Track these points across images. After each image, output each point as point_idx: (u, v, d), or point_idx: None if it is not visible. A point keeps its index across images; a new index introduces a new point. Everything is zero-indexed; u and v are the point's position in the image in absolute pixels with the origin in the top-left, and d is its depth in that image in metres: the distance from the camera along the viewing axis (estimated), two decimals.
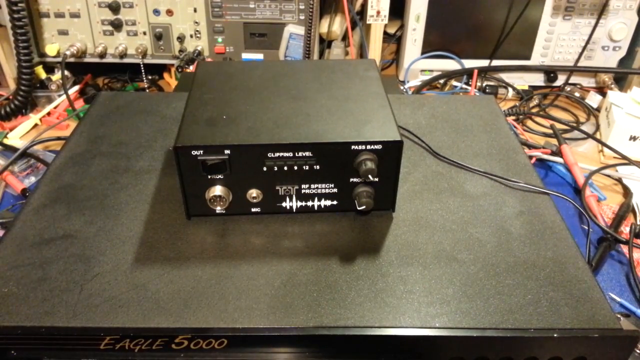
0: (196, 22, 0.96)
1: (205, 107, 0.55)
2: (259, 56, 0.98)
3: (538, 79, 1.06)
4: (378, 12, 0.96)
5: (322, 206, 0.54)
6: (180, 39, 0.96)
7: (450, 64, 1.04)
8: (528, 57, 1.03)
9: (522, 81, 1.05)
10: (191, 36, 0.97)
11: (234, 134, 0.51)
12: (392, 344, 0.44)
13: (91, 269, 0.48)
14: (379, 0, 0.95)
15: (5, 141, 0.86)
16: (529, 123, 0.96)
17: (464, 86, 1.03)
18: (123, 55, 0.97)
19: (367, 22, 0.98)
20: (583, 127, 0.93)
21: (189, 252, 0.51)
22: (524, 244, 0.52)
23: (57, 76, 0.97)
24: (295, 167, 0.51)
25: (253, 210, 0.54)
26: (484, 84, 1.03)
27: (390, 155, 0.51)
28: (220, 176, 0.51)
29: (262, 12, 0.95)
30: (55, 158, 0.64)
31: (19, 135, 0.89)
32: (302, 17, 0.95)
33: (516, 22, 0.99)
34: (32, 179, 0.78)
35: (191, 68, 0.95)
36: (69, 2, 0.93)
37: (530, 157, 0.81)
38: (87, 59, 0.98)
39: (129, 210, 0.55)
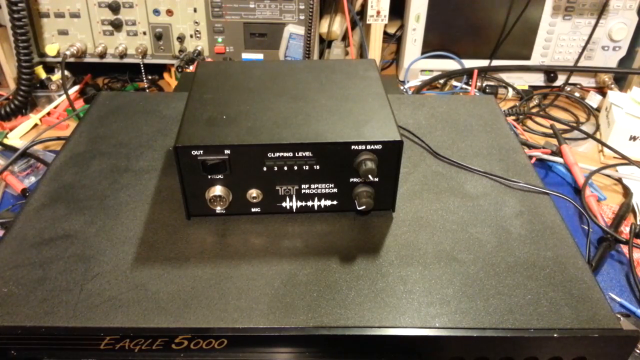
0: (196, 22, 0.96)
1: (205, 107, 0.55)
2: (259, 56, 0.99)
3: (538, 79, 1.06)
4: (378, 12, 0.96)
5: (322, 206, 0.54)
6: (180, 39, 0.96)
7: (450, 64, 1.04)
8: (528, 57, 1.03)
9: (522, 81, 1.05)
10: (191, 36, 0.97)
11: (234, 134, 0.51)
12: (392, 344, 0.44)
13: (91, 269, 0.48)
14: (379, 0, 0.95)
15: (5, 141, 0.86)
16: (529, 123, 0.96)
17: (464, 86, 1.03)
18: (123, 55, 0.97)
19: (367, 22, 0.98)
20: (583, 127, 0.93)
21: (189, 252, 0.51)
22: (524, 244, 0.52)
23: (57, 76, 0.97)
24: (295, 167, 0.51)
25: (253, 210, 0.54)
26: (484, 84, 1.03)
27: (390, 155, 0.51)
28: (220, 176, 0.51)
29: (262, 12, 0.95)
30: (55, 158, 0.64)
31: (19, 135, 0.89)
32: (302, 17, 0.95)
33: (516, 22, 0.99)
34: (32, 179, 0.78)
35: (191, 68, 0.95)
36: (69, 2, 0.93)
37: (530, 157, 0.81)
38: (87, 59, 0.98)
39: (129, 210, 0.55)
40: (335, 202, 0.54)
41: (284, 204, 0.54)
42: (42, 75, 0.97)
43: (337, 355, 0.45)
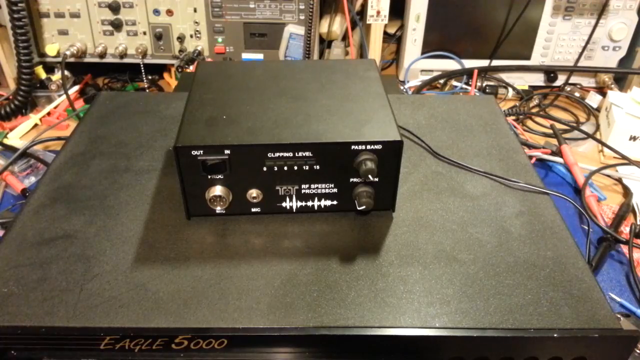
0: (196, 22, 0.96)
1: (205, 107, 0.55)
2: (259, 56, 0.98)
3: (538, 79, 1.06)
4: (378, 12, 0.96)
5: (322, 206, 0.54)
6: (180, 39, 0.96)
7: (450, 64, 1.04)
8: (528, 57, 1.03)
9: (522, 81, 1.05)
10: (191, 36, 0.97)
11: (234, 134, 0.51)
12: (392, 344, 0.44)
13: (91, 269, 0.48)
14: (379, 0, 0.95)
15: (5, 141, 0.86)
16: (529, 123, 0.96)
17: (464, 86, 1.03)
18: (123, 55, 0.97)
19: (367, 22, 0.98)
20: (583, 127, 0.93)
21: (189, 252, 0.51)
22: (524, 244, 0.52)
23: (57, 76, 0.97)
24: (295, 167, 0.51)
25: (253, 210, 0.54)
26: (484, 84, 1.03)
27: (390, 155, 0.51)
28: (220, 176, 0.51)
29: (262, 12, 0.95)
30: (55, 158, 0.64)
31: (19, 135, 0.89)
32: (302, 17, 0.95)
33: (516, 22, 0.99)
34: (32, 179, 0.78)
35: (191, 68, 0.95)
36: (69, 2, 0.93)
37: (530, 157, 0.81)
38: (87, 59, 0.98)
39: (129, 210, 0.55)
40: (335, 202, 0.54)
41: (284, 204, 0.54)
42: (42, 75, 0.97)
43: (337, 355, 0.45)
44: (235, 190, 0.52)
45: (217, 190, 0.52)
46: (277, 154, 0.50)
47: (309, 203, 0.54)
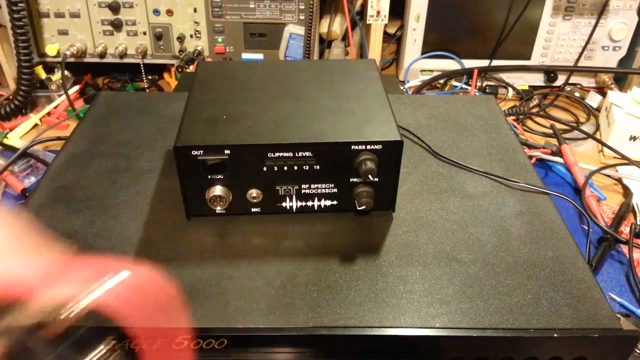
0: (196, 22, 0.96)
1: (205, 107, 0.55)
2: (259, 56, 0.98)
3: (538, 79, 1.06)
4: (378, 12, 0.96)
5: (322, 206, 0.54)
6: (180, 39, 0.96)
7: (450, 64, 1.04)
8: (528, 57, 1.03)
9: (522, 81, 1.05)
10: (191, 36, 0.97)
11: (234, 134, 0.51)
12: (392, 344, 0.44)
13: None
14: (379, 0, 0.95)
15: (5, 141, 0.86)
16: (529, 123, 0.96)
17: (464, 86, 1.03)
18: (123, 55, 0.97)
19: (367, 22, 0.98)
20: (583, 127, 0.93)
21: (189, 252, 0.51)
22: (524, 244, 0.52)
23: (57, 76, 0.97)
24: (295, 167, 0.51)
25: (253, 210, 0.54)
26: (484, 84, 1.03)
27: (390, 155, 0.51)
28: (220, 176, 0.51)
29: (262, 12, 0.95)
30: (55, 158, 0.64)
31: (19, 135, 0.89)
32: (302, 17, 0.95)
33: (516, 22, 0.99)
34: (32, 179, 0.78)
35: (191, 68, 0.95)
36: (69, 2, 0.93)
37: (530, 157, 0.81)
38: (87, 59, 0.98)
39: (129, 210, 0.55)
40: (335, 202, 0.54)
41: (284, 204, 0.54)
42: (42, 75, 0.97)
43: (337, 355, 0.45)
44: (235, 190, 0.52)
45: (217, 190, 0.52)
46: (277, 154, 0.50)
47: (309, 203, 0.54)
